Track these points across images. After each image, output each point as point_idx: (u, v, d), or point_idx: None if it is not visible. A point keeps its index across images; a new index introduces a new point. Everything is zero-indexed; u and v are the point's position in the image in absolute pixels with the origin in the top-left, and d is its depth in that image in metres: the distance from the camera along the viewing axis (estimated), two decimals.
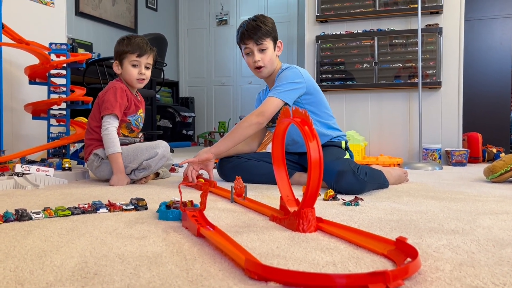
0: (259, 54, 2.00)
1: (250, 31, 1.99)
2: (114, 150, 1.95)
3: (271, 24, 2.03)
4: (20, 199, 1.56)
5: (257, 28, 1.98)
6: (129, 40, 2.10)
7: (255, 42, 1.99)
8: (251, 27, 1.99)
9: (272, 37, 2.02)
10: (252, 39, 1.99)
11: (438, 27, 3.35)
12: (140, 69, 2.10)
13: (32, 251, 0.90)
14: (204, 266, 0.80)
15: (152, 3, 6.20)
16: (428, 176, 2.49)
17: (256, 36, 1.98)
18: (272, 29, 2.02)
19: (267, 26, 2.00)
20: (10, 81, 2.69)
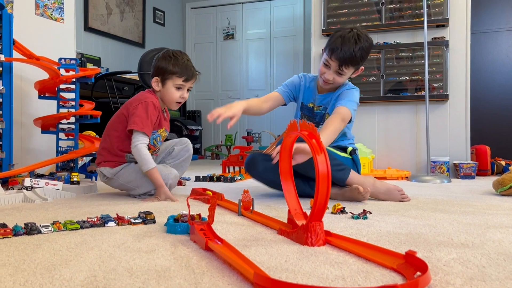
0: (335, 74, 1.96)
1: (344, 52, 1.89)
2: (148, 167, 1.89)
3: (366, 52, 1.95)
4: (29, 213, 1.57)
5: (352, 57, 1.90)
6: (177, 60, 1.98)
7: (338, 65, 1.92)
8: (348, 52, 1.89)
9: (358, 66, 1.97)
10: (338, 61, 1.91)
11: (445, 40, 3.36)
12: (183, 92, 2.02)
13: (42, 264, 0.90)
14: (212, 280, 0.80)
15: (160, 18, 6.28)
16: (436, 189, 2.47)
17: (344, 62, 1.91)
18: (364, 58, 1.95)
19: (362, 56, 1.92)
20: (20, 96, 2.72)
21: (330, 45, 1.93)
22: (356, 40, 1.90)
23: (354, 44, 1.89)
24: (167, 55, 1.99)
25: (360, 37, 1.91)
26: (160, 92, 2.02)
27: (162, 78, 1.99)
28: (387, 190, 1.90)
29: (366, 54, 1.95)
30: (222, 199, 1.84)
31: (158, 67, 1.99)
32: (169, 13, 6.49)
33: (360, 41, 1.90)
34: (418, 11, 3.42)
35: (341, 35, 1.92)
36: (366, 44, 1.92)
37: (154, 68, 2.02)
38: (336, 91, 2.05)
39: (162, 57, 1.99)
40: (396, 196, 1.88)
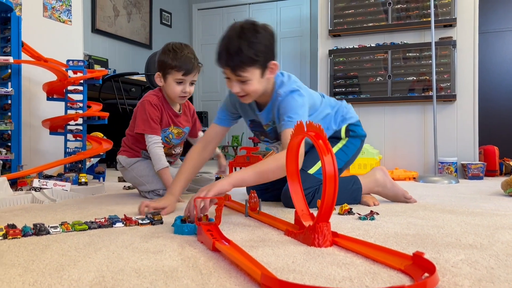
0: (239, 84, 1.52)
1: (228, 55, 1.47)
2: (159, 166, 1.94)
3: (262, 43, 1.48)
4: (38, 214, 1.58)
5: (238, 53, 1.44)
6: (176, 54, 1.93)
7: (232, 72, 1.49)
8: (232, 49, 1.45)
9: (259, 64, 1.49)
10: (228, 67, 1.48)
11: (452, 40, 3.34)
12: (185, 87, 1.98)
13: (50, 265, 0.91)
14: (220, 281, 0.80)
15: (167, 19, 6.30)
16: (444, 190, 2.46)
17: (234, 64, 1.47)
18: (261, 52, 1.47)
19: (253, 49, 1.45)
20: (28, 97, 2.74)
21: (216, 51, 1.53)
22: (240, 35, 1.46)
23: (237, 41, 1.45)
24: (166, 49, 1.97)
25: (244, 30, 1.47)
26: (163, 87, 2.04)
27: (163, 73, 1.99)
28: (394, 195, 1.87)
29: (262, 46, 1.48)
30: (229, 200, 1.84)
31: (159, 61, 1.98)
32: (176, 14, 6.51)
33: (245, 33, 1.47)
34: (425, 11, 3.40)
35: (223, 35, 1.51)
36: (251, 32, 1.47)
37: (156, 63, 2.02)
38: (270, 101, 1.67)
39: (162, 52, 1.98)
40: (400, 198, 1.87)
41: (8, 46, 2.28)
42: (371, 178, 1.85)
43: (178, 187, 1.67)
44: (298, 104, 1.59)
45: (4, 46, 2.31)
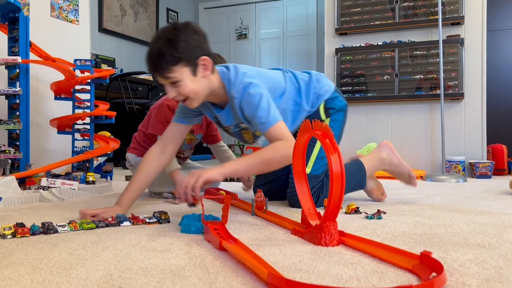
0: (173, 88, 1.44)
1: (151, 60, 1.42)
2: (169, 168, 1.89)
3: (183, 40, 1.39)
4: (46, 212, 1.59)
5: (159, 55, 1.39)
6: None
7: (160, 76, 1.43)
8: (153, 52, 1.40)
9: (184, 62, 1.40)
10: (156, 72, 1.43)
11: (460, 38, 3.31)
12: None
13: (59, 263, 0.91)
14: (227, 280, 0.80)
15: (173, 18, 6.32)
16: (452, 189, 2.44)
17: (158, 66, 1.41)
18: (183, 49, 1.39)
19: (173, 47, 1.38)
20: (36, 97, 2.76)
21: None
22: (159, 36, 1.43)
23: (157, 43, 1.41)
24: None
25: (163, 31, 1.44)
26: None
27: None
28: (399, 173, 1.86)
29: (183, 42, 1.39)
30: (235, 199, 1.84)
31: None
32: (182, 14, 6.52)
33: (164, 34, 1.43)
34: (433, 8, 3.38)
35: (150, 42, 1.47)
36: (173, 34, 1.40)
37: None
38: (228, 102, 1.58)
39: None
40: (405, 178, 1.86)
41: (16, 46, 2.30)
42: (376, 157, 1.84)
43: (126, 199, 1.53)
44: (258, 99, 1.48)
45: (12, 46, 2.32)
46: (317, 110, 1.76)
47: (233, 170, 1.43)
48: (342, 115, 1.82)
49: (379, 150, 1.86)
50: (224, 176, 1.39)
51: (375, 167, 1.83)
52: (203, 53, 1.44)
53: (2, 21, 2.34)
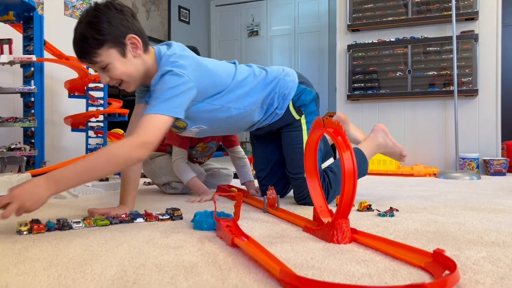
0: (104, 73, 1.38)
1: (75, 46, 1.35)
2: (187, 178, 1.91)
3: (104, 21, 1.32)
4: (60, 209, 1.62)
5: (82, 40, 1.33)
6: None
7: (89, 62, 1.37)
8: (76, 40, 1.34)
9: (109, 43, 1.33)
10: (82, 58, 1.37)
11: (474, 33, 3.27)
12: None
13: (74, 259, 0.93)
14: (239, 276, 0.81)
15: (185, 16, 6.34)
16: (465, 186, 2.42)
17: (83, 52, 1.34)
18: (105, 30, 1.32)
19: (94, 29, 1.31)
20: (51, 95, 2.80)
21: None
22: (80, 21, 1.35)
23: (78, 28, 1.34)
24: None
25: (84, 14, 1.36)
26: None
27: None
28: (392, 153, 1.90)
29: (104, 23, 1.32)
30: (247, 196, 1.85)
31: None
32: (194, 11, 6.54)
33: (85, 17, 1.35)
34: (446, 4, 3.34)
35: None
36: (93, 15, 1.33)
37: None
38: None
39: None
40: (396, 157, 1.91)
41: (31, 45, 2.33)
42: (373, 143, 1.86)
43: (129, 197, 1.51)
44: (166, 87, 1.34)
45: (27, 44, 2.36)
46: (287, 111, 1.68)
47: (63, 185, 1.22)
48: (314, 105, 1.75)
49: (375, 136, 1.87)
50: (52, 194, 1.20)
51: (373, 153, 1.87)
52: (129, 31, 1.36)
53: (17, 20, 2.37)
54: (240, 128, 1.73)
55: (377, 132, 1.88)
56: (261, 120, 1.69)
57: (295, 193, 1.74)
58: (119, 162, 1.27)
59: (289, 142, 1.72)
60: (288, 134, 1.73)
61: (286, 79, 1.68)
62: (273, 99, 1.66)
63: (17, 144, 2.20)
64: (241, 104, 1.60)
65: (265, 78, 1.65)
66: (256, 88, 1.62)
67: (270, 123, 1.72)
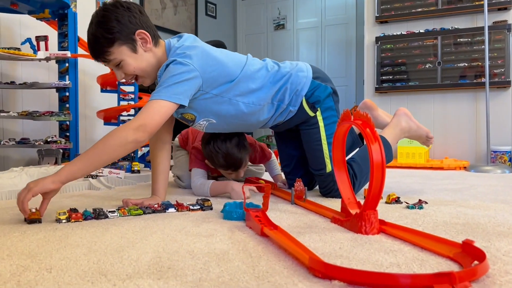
0: (118, 71, 1.43)
1: (90, 48, 1.42)
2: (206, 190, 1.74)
3: (112, 19, 1.36)
4: (95, 199, 1.68)
5: (95, 42, 1.38)
6: (218, 155, 1.71)
7: (104, 62, 1.42)
8: (89, 41, 1.41)
9: (119, 41, 1.37)
10: (97, 58, 1.42)
11: (507, 23, 3.19)
12: (237, 174, 1.81)
13: (111, 246, 0.97)
14: (269, 264, 0.83)
15: (212, 11, 6.38)
16: (497, 180, 2.37)
17: (97, 52, 1.40)
18: (114, 28, 1.36)
19: (104, 29, 1.35)
20: (84, 90, 2.88)
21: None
22: (91, 23, 1.40)
23: (90, 30, 1.40)
24: (210, 151, 1.75)
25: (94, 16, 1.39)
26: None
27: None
28: (418, 137, 1.88)
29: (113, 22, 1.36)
30: (275, 188, 1.87)
31: (206, 155, 1.80)
32: (221, 6, 6.58)
33: (94, 18, 1.39)
34: None
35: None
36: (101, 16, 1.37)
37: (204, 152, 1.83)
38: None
39: (208, 151, 1.77)
40: (423, 140, 1.89)
41: (65, 41, 2.41)
42: (397, 128, 1.83)
43: (161, 188, 1.57)
44: (169, 75, 1.38)
45: (62, 41, 2.44)
46: (301, 108, 1.66)
47: (69, 174, 1.26)
48: (331, 100, 1.71)
49: (398, 120, 1.84)
50: (59, 183, 1.24)
51: (397, 138, 1.83)
52: (138, 27, 1.40)
53: (52, 18, 2.45)
54: (251, 126, 1.69)
55: (400, 116, 1.84)
56: (273, 117, 1.67)
57: (320, 188, 1.75)
58: (116, 144, 1.29)
59: (308, 140, 1.72)
60: (306, 132, 1.72)
61: (299, 74, 1.64)
62: (284, 95, 1.62)
63: (53, 137, 2.28)
64: (250, 99, 1.57)
65: (276, 73, 1.62)
66: (267, 83, 1.59)
67: (285, 120, 1.70)
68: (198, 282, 0.73)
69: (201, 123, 1.60)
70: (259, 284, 0.72)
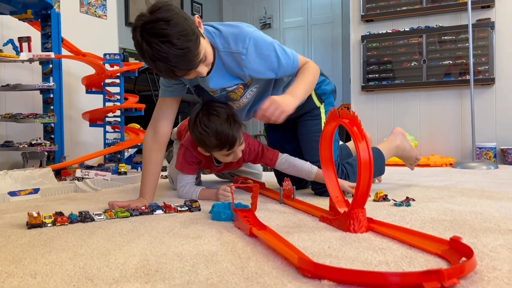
0: (202, 64, 1.35)
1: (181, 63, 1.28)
2: (195, 195, 1.67)
3: (183, 22, 1.25)
4: (82, 202, 1.66)
5: (184, 55, 1.26)
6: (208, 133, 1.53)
7: (193, 68, 1.33)
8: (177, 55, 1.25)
9: (200, 36, 1.32)
10: (192, 65, 1.31)
11: (490, 21, 3.23)
12: (235, 155, 1.62)
13: (97, 249, 0.96)
14: (258, 264, 0.83)
15: (197, 10, 6.36)
16: (482, 176, 2.40)
17: (191, 62, 1.29)
18: (191, 28, 1.27)
19: (187, 36, 1.25)
20: (68, 91, 2.85)
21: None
22: (164, 41, 1.24)
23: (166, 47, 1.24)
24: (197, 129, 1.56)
25: (161, 33, 1.24)
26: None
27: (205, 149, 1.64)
28: (409, 158, 1.97)
29: (182, 25, 1.25)
30: (263, 187, 1.87)
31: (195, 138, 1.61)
32: (207, 5, 6.56)
33: (167, 35, 1.24)
34: None
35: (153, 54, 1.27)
36: (167, 28, 1.24)
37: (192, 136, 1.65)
38: (214, 61, 1.45)
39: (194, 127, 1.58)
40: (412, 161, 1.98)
41: (49, 42, 2.37)
42: (392, 145, 1.91)
43: (149, 190, 1.53)
44: (267, 41, 1.47)
45: (45, 42, 2.40)
46: (309, 98, 1.69)
47: (300, 97, 1.43)
48: (332, 97, 1.81)
49: (394, 138, 1.93)
50: (297, 105, 1.40)
51: (391, 154, 1.91)
52: (191, 15, 1.36)
53: (35, 19, 2.42)
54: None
55: (396, 134, 1.93)
56: None
57: (313, 183, 1.75)
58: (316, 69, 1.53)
59: (308, 131, 1.75)
60: (307, 123, 1.76)
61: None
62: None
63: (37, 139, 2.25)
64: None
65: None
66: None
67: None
68: (187, 284, 0.72)
69: (244, 100, 1.61)
70: (248, 285, 0.72)
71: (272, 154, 1.76)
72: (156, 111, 1.60)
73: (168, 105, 1.58)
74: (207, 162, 1.77)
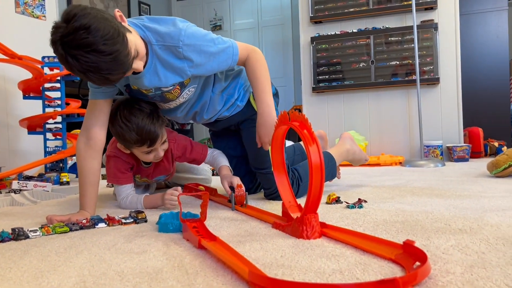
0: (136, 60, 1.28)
1: (113, 72, 1.20)
2: (140, 204, 1.58)
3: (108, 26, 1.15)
4: (17, 217, 1.53)
5: (115, 64, 1.18)
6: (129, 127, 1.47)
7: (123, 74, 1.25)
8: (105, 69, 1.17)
9: (125, 32, 1.23)
10: (126, 70, 1.25)
11: (434, 22, 3.33)
12: (157, 153, 1.56)
13: (29, 272, 0.87)
14: (206, 280, 0.77)
15: (145, 12, 6.20)
16: (431, 174, 2.46)
17: (124, 66, 1.22)
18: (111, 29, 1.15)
19: (119, 50, 1.17)
20: (4, 96, 2.66)
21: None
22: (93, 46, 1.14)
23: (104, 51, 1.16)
24: (118, 124, 1.48)
25: (90, 40, 1.13)
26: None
27: (125, 146, 1.56)
28: (359, 160, 2.02)
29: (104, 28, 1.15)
30: (215, 194, 1.81)
31: (116, 134, 1.53)
32: (155, 7, 6.41)
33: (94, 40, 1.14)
34: None
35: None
36: (98, 52, 1.15)
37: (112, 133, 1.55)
38: (149, 59, 1.37)
39: (113, 124, 1.50)
40: (362, 162, 2.04)
41: None
42: (342, 149, 1.93)
43: (89, 202, 1.43)
44: (202, 32, 1.44)
45: None
46: (248, 103, 1.68)
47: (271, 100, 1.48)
48: (275, 100, 1.67)
49: (343, 142, 1.96)
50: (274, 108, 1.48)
51: (342, 158, 1.93)
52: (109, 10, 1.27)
53: None
54: (202, 118, 1.66)
55: (345, 139, 1.96)
56: (220, 111, 1.66)
57: (265, 189, 1.71)
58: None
59: (252, 138, 1.62)
60: (250, 130, 1.66)
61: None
62: (234, 89, 1.65)
63: None
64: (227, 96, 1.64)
65: (239, 70, 1.68)
66: (221, 76, 1.61)
67: (231, 115, 1.69)
68: None
69: (180, 99, 1.53)
70: None
71: (202, 148, 1.73)
72: (88, 116, 1.46)
73: (100, 108, 1.45)
74: (137, 164, 1.68)
